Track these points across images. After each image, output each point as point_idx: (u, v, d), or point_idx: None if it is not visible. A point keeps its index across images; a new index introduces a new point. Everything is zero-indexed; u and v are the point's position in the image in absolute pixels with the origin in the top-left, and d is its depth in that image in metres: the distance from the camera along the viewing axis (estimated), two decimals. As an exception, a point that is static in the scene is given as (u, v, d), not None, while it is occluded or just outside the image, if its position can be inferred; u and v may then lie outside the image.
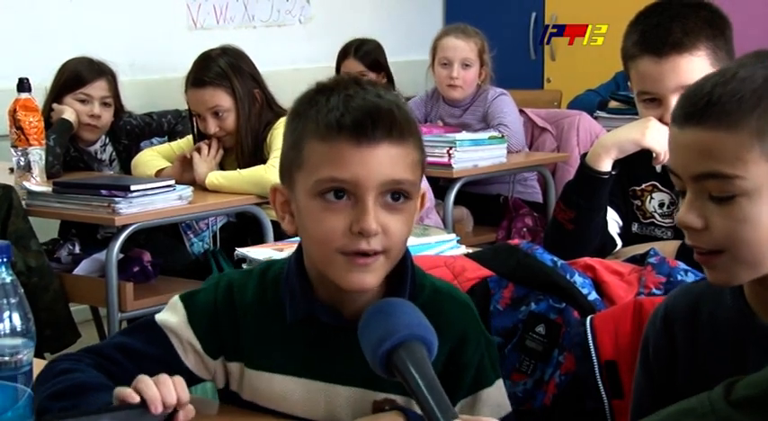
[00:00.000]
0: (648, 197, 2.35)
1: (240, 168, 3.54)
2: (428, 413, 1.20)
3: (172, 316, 1.56)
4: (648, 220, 2.35)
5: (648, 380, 1.50)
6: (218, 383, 1.60)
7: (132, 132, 4.15)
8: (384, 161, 1.42)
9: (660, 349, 1.48)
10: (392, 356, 1.24)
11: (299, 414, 1.53)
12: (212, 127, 3.61)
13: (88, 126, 4.03)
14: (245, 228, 3.76)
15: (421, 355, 1.24)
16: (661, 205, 2.34)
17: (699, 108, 1.30)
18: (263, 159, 3.55)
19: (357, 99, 1.43)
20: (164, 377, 1.39)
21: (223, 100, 3.60)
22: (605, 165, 2.26)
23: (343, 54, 5.10)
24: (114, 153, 4.14)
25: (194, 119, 3.74)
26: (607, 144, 2.29)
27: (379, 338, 1.25)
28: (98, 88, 4.03)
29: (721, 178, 1.29)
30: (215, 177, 3.53)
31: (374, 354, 1.26)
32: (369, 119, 1.41)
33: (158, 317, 1.57)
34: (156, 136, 4.23)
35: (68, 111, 3.97)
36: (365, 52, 5.10)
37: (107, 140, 4.13)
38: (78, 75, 4.03)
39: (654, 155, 2.28)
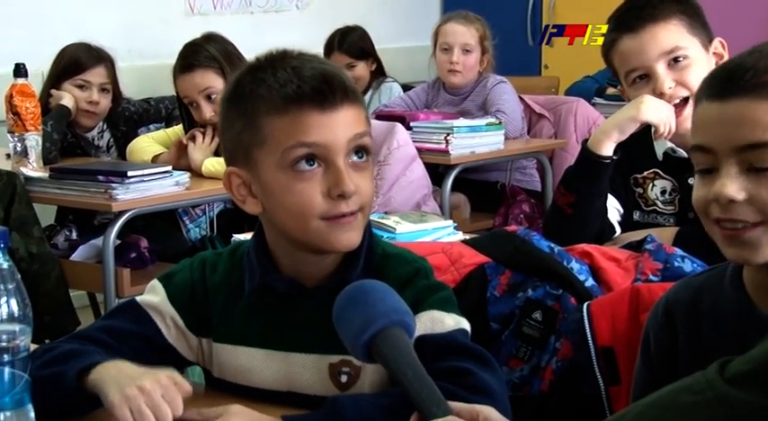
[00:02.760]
0: (650, 184, 2.35)
1: None
2: (420, 406, 1.19)
3: (153, 296, 1.60)
4: (651, 208, 2.35)
5: (649, 372, 1.50)
6: (200, 362, 1.63)
7: (130, 119, 4.14)
8: (347, 121, 1.47)
9: (661, 341, 1.48)
10: (374, 347, 1.23)
11: (264, 385, 1.55)
12: (207, 111, 3.58)
13: (86, 112, 4.02)
14: (241, 214, 3.75)
15: (403, 343, 1.23)
16: (663, 192, 2.35)
17: (745, 80, 1.32)
18: None
19: (306, 69, 1.48)
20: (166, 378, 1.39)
21: (214, 81, 3.58)
22: (607, 150, 2.27)
23: (329, 48, 5.09)
24: (112, 139, 4.13)
25: (183, 108, 3.72)
26: (606, 128, 2.30)
27: (357, 329, 1.24)
28: (97, 75, 4.02)
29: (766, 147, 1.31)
30: (211, 164, 3.52)
31: (354, 346, 1.26)
32: (326, 84, 1.46)
33: (139, 298, 1.60)
34: (154, 122, 4.22)
35: (67, 97, 3.96)
36: (349, 44, 5.09)
37: (105, 127, 4.12)
38: (77, 61, 4.01)
39: (653, 130, 2.28)
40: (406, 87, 5.12)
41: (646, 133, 2.32)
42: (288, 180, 1.47)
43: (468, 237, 2.34)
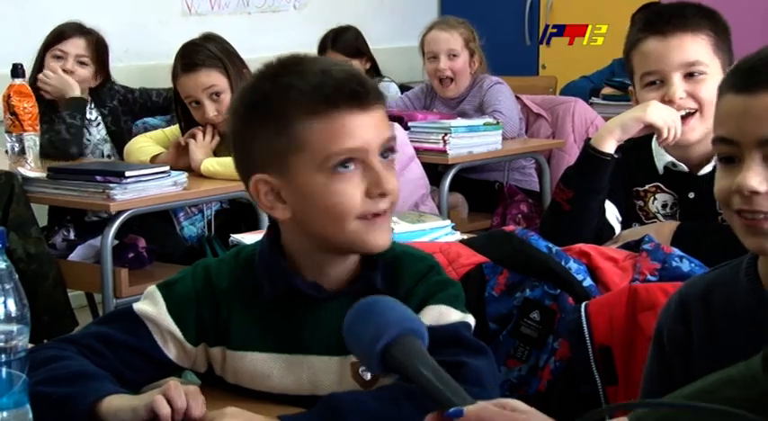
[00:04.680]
0: (652, 198, 2.36)
1: None
2: (446, 404, 1.18)
3: (150, 306, 1.57)
4: (651, 221, 2.36)
5: (662, 366, 1.49)
6: (198, 369, 1.62)
7: (115, 97, 4.14)
8: (380, 123, 1.49)
9: (675, 334, 1.48)
10: (388, 355, 1.21)
11: (286, 391, 1.54)
12: (211, 110, 3.57)
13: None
14: (238, 214, 3.76)
15: (418, 348, 1.22)
16: (664, 206, 2.35)
17: None
18: None
19: (335, 71, 1.47)
20: (194, 388, 1.40)
21: (219, 80, 3.57)
22: (609, 147, 2.27)
23: (323, 47, 5.09)
24: (100, 116, 4.12)
25: (179, 108, 3.71)
26: (611, 125, 2.31)
27: (370, 340, 1.22)
28: (74, 45, 4.03)
29: None
30: (210, 164, 3.52)
31: (369, 358, 1.23)
32: (360, 86, 1.47)
33: (136, 306, 1.58)
34: (146, 111, 4.18)
35: (73, 86, 3.95)
36: (343, 42, 5.09)
37: (92, 105, 4.11)
38: (59, 32, 4.04)
39: (656, 135, 2.28)
40: (403, 87, 5.12)
41: (647, 146, 2.34)
42: (327, 182, 1.46)
43: (465, 237, 2.34)
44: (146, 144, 3.76)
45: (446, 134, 4.05)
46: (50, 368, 1.45)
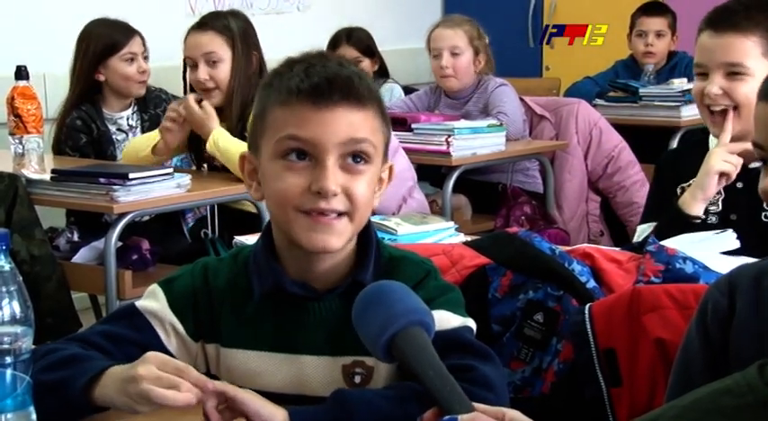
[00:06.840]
0: None
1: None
2: (442, 403, 1.19)
3: (152, 301, 1.59)
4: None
5: (702, 345, 1.47)
6: (199, 368, 1.62)
7: (162, 104, 4.15)
8: (343, 122, 1.48)
9: (720, 309, 1.47)
10: (394, 346, 1.24)
11: (275, 389, 1.55)
12: (203, 73, 3.56)
13: (140, 83, 4.04)
14: (240, 216, 3.75)
15: (423, 342, 1.24)
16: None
17: None
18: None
19: (317, 67, 1.50)
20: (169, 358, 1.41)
21: (220, 49, 3.58)
22: (696, 210, 2.34)
23: (335, 42, 5.10)
24: (140, 121, 4.14)
25: (186, 85, 3.71)
26: (693, 189, 2.35)
27: (378, 329, 1.26)
28: (137, 44, 4.06)
29: None
30: (219, 137, 3.44)
31: (375, 346, 1.27)
32: (326, 82, 1.48)
33: (139, 303, 1.60)
34: None
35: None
36: (357, 39, 5.11)
37: (136, 108, 4.13)
38: (114, 39, 4.03)
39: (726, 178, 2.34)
40: (407, 89, 5.12)
41: (703, 144, 2.41)
42: (278, 169, 1.49)
43: (469, 238, 2.34)
44: (141, 140, 3.75)
45: (450, 136, 4.05)
46: (45, 359, 1.47)
